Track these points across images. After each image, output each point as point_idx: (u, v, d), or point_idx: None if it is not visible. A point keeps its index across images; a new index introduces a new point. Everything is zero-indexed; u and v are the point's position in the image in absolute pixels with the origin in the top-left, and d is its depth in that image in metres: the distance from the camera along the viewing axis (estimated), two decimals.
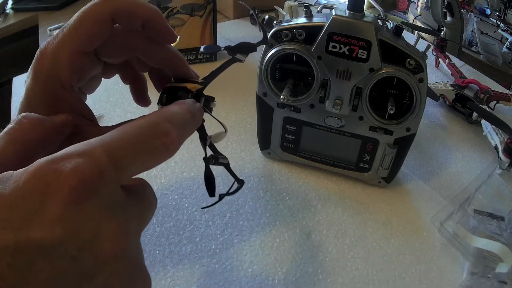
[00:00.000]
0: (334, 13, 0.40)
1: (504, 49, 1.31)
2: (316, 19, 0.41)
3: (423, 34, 1.17)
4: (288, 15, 0.81)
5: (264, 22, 0.89)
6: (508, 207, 0.47)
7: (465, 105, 0.64)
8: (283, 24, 0.42)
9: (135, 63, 0.31)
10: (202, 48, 0.29)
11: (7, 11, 1.06)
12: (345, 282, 0.39)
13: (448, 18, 1.34)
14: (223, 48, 0.28)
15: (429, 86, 0.64)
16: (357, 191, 0.50)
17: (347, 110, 0.44)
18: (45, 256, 0.16)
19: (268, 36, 0.42)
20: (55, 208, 0.17)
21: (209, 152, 0.28)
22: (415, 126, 0.43)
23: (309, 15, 0.42)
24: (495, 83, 0.77)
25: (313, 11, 0.43)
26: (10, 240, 0.16)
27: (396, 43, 0.39)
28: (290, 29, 0.41)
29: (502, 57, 1.30)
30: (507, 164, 0.51)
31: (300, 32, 0.41)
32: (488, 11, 1.39)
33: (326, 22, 0.40)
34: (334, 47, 0.40)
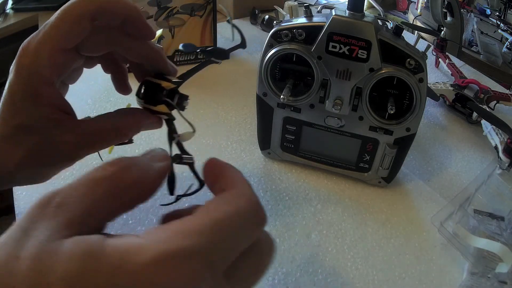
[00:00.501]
0: (334, 13, 0.40)
1: (504, 49, 1.31)
2: (316, 19, 0.41)
3: (423, 34, 1.17)
4: (288, 15, 0.81)
5: (264, 22, 0.89)
6: (508, 207, 0.47)
7: (465, 105, 0.64)
8: (283, 24, 0.42)
9: (116, 54, 0.31)
10: (180, 46, 0.29)
11: (7, 11, 1.06)
12: (345, 282, 0.39)
13: (448, 18, 1.34)
14: (199, 50, 0.29)
15: (429, 86, 0.64)
16: (357, 191, 0.50)
17: (347, 110, 0.44)
18: None
19: (268, 36, 0.42)
20: None
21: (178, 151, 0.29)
22: (415, 126, 0.43)
23: (309, 15, 0.42)
24: (495, 83, 0.77)
25: (313, 11, 0.43)
26: None
27: (396, 43, 0.39)
28: (290, 29, 0.41)
29: (502, 57, 1.30)
30: (507, 164, 0.51)
31: (300, 32, 0.41)
32: (488, 11, 1.39)
33: (326, 22, 0.40)
34: (334, 47, 0.40)
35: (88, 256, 0.16)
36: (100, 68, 0.34)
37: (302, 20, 0.42)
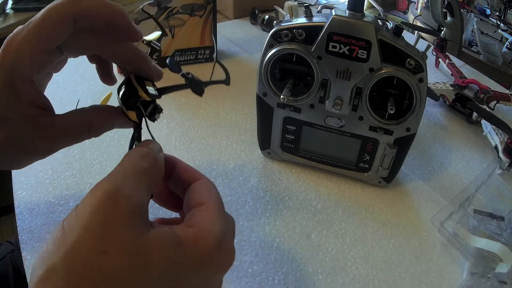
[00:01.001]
0: (334, 13, 0.40)
1: (504, 49, 1.31)
2: (316, 19, 0.41)
3: (423, 34, 1.17)
4: (288, 15, 0.81)
5: (264, 22, 0.89)
6: (508, 207, 0.47)
7: (465, 105, 0.64)
8: (283, 24, 0.42)
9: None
10: (167, 60, 0.30)
11: (7, 11, 1.06)
12: (345, 282, 0.39)
13: (448, 18, 1.34)
14: (181, 74, 0.29)
15: (429, 86, 0.64)
16: (357, 191, 0.50)
17: (347, 110, 0.44)
18: None
19: (268, 36, 0.42)
20: None
21: None
22: (415, 126, 0.43)
23: (309, 15, 0.42)
24: (495, 83, 0.77)
25: (313, 11, 0.43)
26: None
27: (396, 43, 0.39)
28: (290, 29, 0.41)
29: (502, 57, 1.30)
30: (507, 164, 0.51)
31: (300, 32, 0.41)
32: (488, 11, 1.39)
33: (326, 22, 0.40)
34: (334, 47, 0.40)
35: (176, 246, 0.20)
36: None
37: (302, 20, 0.42)
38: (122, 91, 0.29)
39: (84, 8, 0.26)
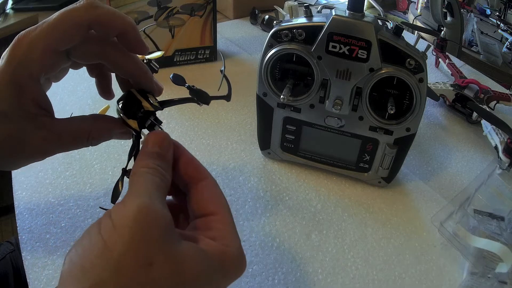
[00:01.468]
0: (334, 13, 0.40)
1: (504, 49, 1.31)
2: (316, 19, 0.41)
3: (423, 34, 1.17)
4: (288, 15, 0.81)
5: (264, 22, 0.89)
6: (508, 207, 0.47)
7: (465, 105, 0.64)
8: (283, 24, 0.42)
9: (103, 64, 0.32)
10: (170, 76, 0.31)
11: (7, 11, 1.06)
12: (345, 282, 0.39)
13: (448, 18, 1.34)
14: (186, 86, 0.30)
15: (429, 86, 0.64)
16: (357, 191, 0.50)
17: (347, 110, 0.44)
18: None
19: (268, 36, 0.42)
20: None
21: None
22: (415, 126, 0.43)
23: (309, 15, 0.42)
24: (495, 83, 0.77)
25: (313, 11, 0.43)
26: None
27: (396, 43, 0.39)
28: (290, 29, 0.41)
29: (502, 57, 1.30)
30: (507, 164, 0.51)
31: (300, 32, 0.41)
32: (488, 11, 1.39)
33: (326, 22, 0.40)
34: (334, 47, 0.40)
35: (205, 259, 0.22)
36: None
37: (302, 20, 0.42)
38: (122, 102, 0.29)
39: (100, 15, 0.27)
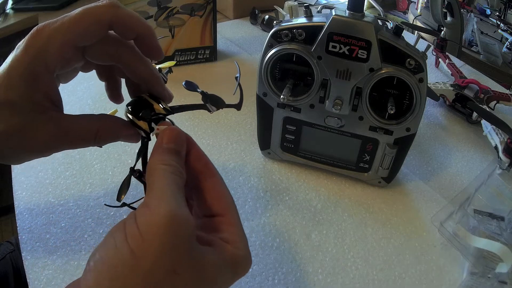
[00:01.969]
0: (334, 13, 0.40)
1: (504, 49, 1.31)
2: (316, 19, 0.41)
3: (423, 34, 1.17)
4: (288, 15, 0.81)
5: (264, 22, 0.89)
6: (508, 207, 0.47)
7: (465, 105, 0.64)
8: (283, 24, 0.42)
9: (114, 67, 0.32)
10: (183, 83, 0.31)
11: (7, 11, 1.06)
12: (345, 282, 0.39)
13: (448, 18, 1.34)
14: (200, 91, 0.31)
15: (429, 86, 0.64)
16: (357, 191, 0.50)
17: (347, 110, 0.44)
18: None
19: (268, 36, 0.42)
20: None
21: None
22: (415, 126, 0.43)
23: (309, 15, 0.42)
24: (495, 83, 0.77)
25: (313, 11, 0.43)
26: None
27: (396, 43, 0.39)
28: (290, 29, 0.41)
29: (502, 57, 1.30)
30: (507, 164, 0.51)
31: (300, 32, 0.41)
32: (488, 11, 1.39)
33: (326, 22, 0.40)
34: (334, 47, 0.40)
35: (222, 262, 0.24)
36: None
37: (302, 20, 0.42)
38: (133, 104, 0.29)
39: (122, 16, 0.27)
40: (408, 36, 0.97)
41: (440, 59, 0.79)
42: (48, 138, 0.28)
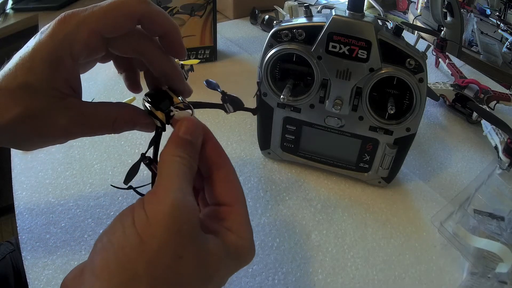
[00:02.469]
0: (334, 13, 0.40)
1: (504, 49, 1.31)
2: (316, 19, 0.41)
3: (423, 34, 1.17)
4: (288, 15, 0.81)
5: (264, 22, 0.89)
6: (508, 207, 0.47)
7: (465, 105, 0.64)
8: (283, 24, 0.42)
9: (134, 59, 0.32)
10: (204, 82, 0.32)
11: (7, 11, 1.06)
12: (345, 282, 0.39)
13: (448, 18, 1.34)
14: (220, 91, 0.31)
15: (429, 86, 0.64)
16: (357, 191, 0.50)
17: (347, 110, 0.44)
18: None
19: (268, 36, 0.42)
20: None
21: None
22: (415, 126, 0.43)
23: (309, 15, 0.42)
24: (495, 83, 0.77)
25: (313, 11, 0.43)
26: None
27: (396, 43, 0.39)
28: (290, 29, 0.41)
29: (502, 57, 1.30)
30: (507, 164, 0.51)
31: (300, 32, 0.41)
32: (488, 11, 1.39)
33: (326, 22, 0.40)
34: (334, 47, 0.40)
35: (225, 250, 0.24)
36: (100, 67, 0.34)
37: (302, 20, 0.42)
38: (152, 94, 0.30)
39: (151, 11, 0.27)
40: (408, 36, 0.97)
41: (440, 59, 0.79)
42: (67, 124, 0.28)
